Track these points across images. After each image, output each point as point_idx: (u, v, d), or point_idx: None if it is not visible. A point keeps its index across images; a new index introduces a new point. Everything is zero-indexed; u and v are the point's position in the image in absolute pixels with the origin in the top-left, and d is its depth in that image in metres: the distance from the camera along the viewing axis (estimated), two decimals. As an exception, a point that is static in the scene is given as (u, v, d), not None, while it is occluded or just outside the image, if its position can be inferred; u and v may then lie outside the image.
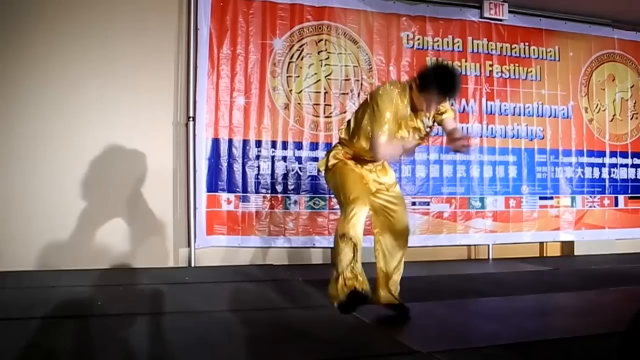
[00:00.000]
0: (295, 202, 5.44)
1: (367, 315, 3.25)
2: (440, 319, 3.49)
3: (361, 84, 5.68)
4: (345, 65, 5.67)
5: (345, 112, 5.60)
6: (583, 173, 6.50)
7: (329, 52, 5.61)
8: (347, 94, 5.64)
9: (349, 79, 5.66)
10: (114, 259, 4.93)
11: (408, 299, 3.49)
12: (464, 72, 6.00)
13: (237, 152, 5.33)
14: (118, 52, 5.07)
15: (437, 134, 5.86)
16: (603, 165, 6.60)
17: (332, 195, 5.46)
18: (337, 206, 5.40)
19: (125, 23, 5.12)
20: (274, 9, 5.47)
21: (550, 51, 6.41)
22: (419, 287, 4.31)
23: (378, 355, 2.67)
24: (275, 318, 3.32)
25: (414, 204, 5.71)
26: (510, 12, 6.19)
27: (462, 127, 5.90)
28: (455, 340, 2.97)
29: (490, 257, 6.11)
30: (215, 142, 5.26)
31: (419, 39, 5.92)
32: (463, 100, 5.99)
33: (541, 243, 6.48)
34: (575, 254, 6.52)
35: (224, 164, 5.29)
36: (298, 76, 5.52)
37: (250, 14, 5.41)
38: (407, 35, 5.89)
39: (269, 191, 5.38)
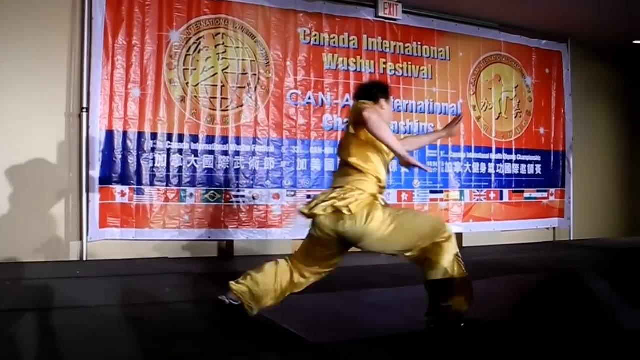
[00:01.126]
0: (191, 194, 6.09)
1: (263, 309, 3.53)
2: (334, 311, 3.84)
3: (258, 78, 6.42)
4: (243, 60, 6.38)
5: (242, 106, 6.32)
6: (471, 168, 7.66)
7: (226, 46, 6.29)
8: (244, 87, 6.36)
9: (246, 73, 6.38)
10: (1, 253, 5.32)
11: (302, 292, 3.97)
12: (358, 69, 6.92)
13: (132, 144, 5.89)
14: (8, 39, 5.46)
15: (332, 128, 6.75)
16: (489, 161, 7.80)
17: (229, 189, 6.19)
18: (234, 199, 6.16)
19: (16, 10, 5.50)
20: (171, 1, 6.07)
21: (442, 51, 7.49)
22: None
23: (271, 347, 2.91)
24: (168, 312, 3.60)
25: (308, 197, 6.53)
26: (404, 12, 7.18)
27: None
28: (348, 330, 3.30)
29: (384, 248, 7.05)
30: (110, 134, 5.80)
31: (315, 35, 6.75)
32: (358, 97, 6.88)
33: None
34: (464, 245, 7.59)
35: (118, 156, 5.84)
36: (195, 69, 6.16)
37: (147, 5, 5.98)
38: (304, 31, 6.70)
39: (165, 184, 5.99)
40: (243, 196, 6.29)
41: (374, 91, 3.34)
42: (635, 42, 8.60)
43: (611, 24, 7.80)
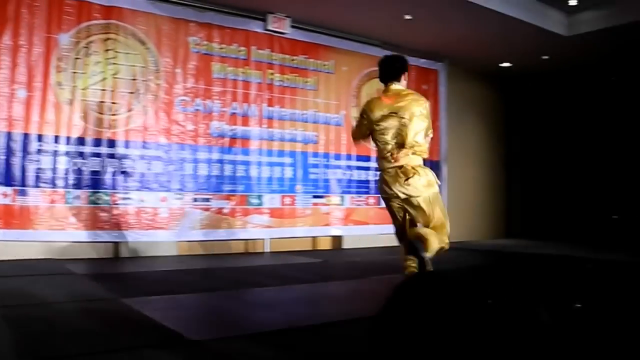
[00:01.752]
0: (77, 196, 6.55)
1: (143, 307, 3.88)
2: (215, 309, 4.15)
3: (148, 85, 6.99)
4: (133, 66, 6.93)
5: (131, 111, 6.86)
6: (351, 175, 8.64)
7: (116, 52, 6.81)
8: (134, 93, 6.91)
9: (136, 79, 6.93)
10: None
11: (185, 291, 4.38)
12: (246, 79, 7.67)
13: (17, 145, 6.26)
14: None
15: (219, 135, 7.45)
16: (369, 168, 8.82)
17: (116, 191, 6.72)
18: (122, 201, 6.68)
19: None
20: (60, 3, 6.52)
21: (327, 64, 8.42)
22: (197, 279, 5.44)
23: (151, 345, 3.05)
24: (50, 312, 3.76)
25: (195, 200, 7.20)
26: (292, 26, 8.03)
27: (243, 131, 7.57)
28: (227, 327, 3.54)
29: (267, 250, 7.87)
30: (-7, 135, 6.13)
31: (205, 45, 7.42)
32: (245, 105, 7.64)
33: (313, 237, 8.46)
34: (344, 247, 8.64)
35: (1, 157, 6.18)
36: (84, 73, 6.63)
37: (35, 6, 6.38)
38: (194, 40, 7.35)
39: (51, 185, 6.40)
40: (130, 199, 6.83)
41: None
42: (501, 64, 10.05)
43: (482, 48, 9.17)
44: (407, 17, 7.86)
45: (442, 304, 2.24)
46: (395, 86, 4.24)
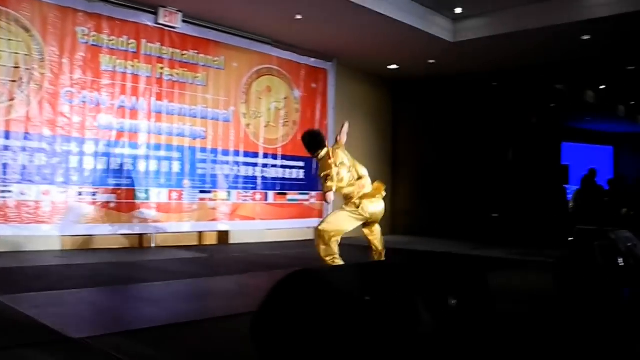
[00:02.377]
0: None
1: (20, 305, 3.96)
2: (98, 306, 4.29)
3: (32, 73, 7.24)
4: (16, 53, 7.16)
5: (13, 100, 7.09)
6: (239, 171, 9.27)
7: (-2, 37, 7.01)
8: (16, 81, 7.13)
9: (18, 67, 7.17)
10: None
11: (66, 287, 4.53)
12: (136, 73, 8.09)
13: None
14: None
15: (106, 128, 7.82)
16: (256, 165, 9.50)
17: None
18: (1, 194, 6.91)
19: None
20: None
21: (217, 60, 8.99)
22: (79, 275, 5.63)
23: (30, 344, 3.08)
24: None
25: (80, 194, 7.55)
26: (184, 21, 8.53)
27: (131, 124, 8.00)
28: (110, 324, 3.65)
29: (153, 245, 8.35)
30: None
31: (94, 36, 7.78)
32: (133, 99, 8.06)
33: (200, 232, 9.02)
34: (230, 242, 9.26)
35: None
36: (-38, 59, 6.79)
37: None
38: (83, 31, 7.68)
39: None
40: (10, 192, 7.07)
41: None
42: (389, 67, 11.05)
43: (370, 50, 10.10)
44: (298, 16, 8.54)
45: (321, 301, 2.34)
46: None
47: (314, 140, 5.78)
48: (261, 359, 2.47)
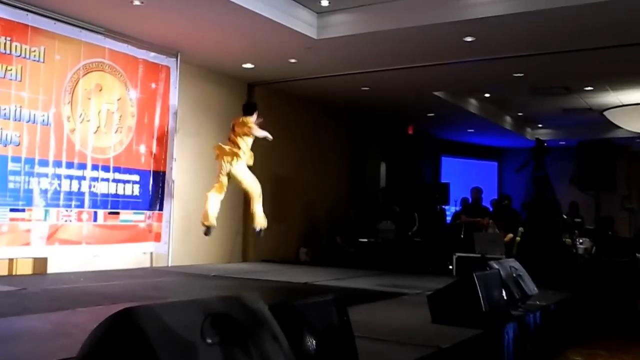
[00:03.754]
0: None
1: None
2: None
3: None
4: None
5: None
6: (60, 185, 8.91)
7: None
8: None
9: None
10: None
11: None
12: None
13: None
14: None
15: None
16: (83, 178, 9.19)
17: None
18: None
19: None
20: None
21: (35, 51, 8.61)
22: None
23: None
24: None
25: None
26: (-8, 0, 8.06)
27: None
28: None
29: (-53, 276, 7.81)
30: None
31: None
32: None
33: (10, 259, 8.56)
34: (48, 271, 8.86)
35: None
36: None
37: None
38: None
39: None
40: None
41: None
42: (244, 65, 11.10)
43: (221, 45, 10.12)
44: (137, 2, 8.34)
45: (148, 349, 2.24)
46: None
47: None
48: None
